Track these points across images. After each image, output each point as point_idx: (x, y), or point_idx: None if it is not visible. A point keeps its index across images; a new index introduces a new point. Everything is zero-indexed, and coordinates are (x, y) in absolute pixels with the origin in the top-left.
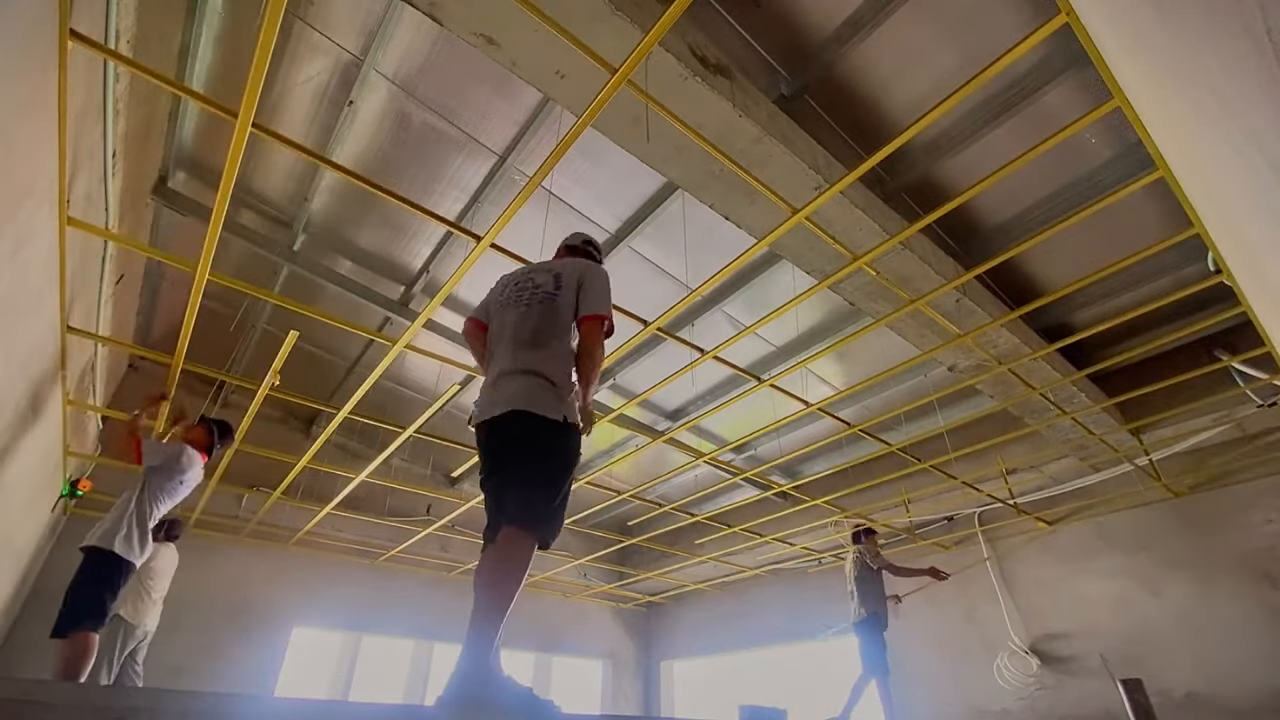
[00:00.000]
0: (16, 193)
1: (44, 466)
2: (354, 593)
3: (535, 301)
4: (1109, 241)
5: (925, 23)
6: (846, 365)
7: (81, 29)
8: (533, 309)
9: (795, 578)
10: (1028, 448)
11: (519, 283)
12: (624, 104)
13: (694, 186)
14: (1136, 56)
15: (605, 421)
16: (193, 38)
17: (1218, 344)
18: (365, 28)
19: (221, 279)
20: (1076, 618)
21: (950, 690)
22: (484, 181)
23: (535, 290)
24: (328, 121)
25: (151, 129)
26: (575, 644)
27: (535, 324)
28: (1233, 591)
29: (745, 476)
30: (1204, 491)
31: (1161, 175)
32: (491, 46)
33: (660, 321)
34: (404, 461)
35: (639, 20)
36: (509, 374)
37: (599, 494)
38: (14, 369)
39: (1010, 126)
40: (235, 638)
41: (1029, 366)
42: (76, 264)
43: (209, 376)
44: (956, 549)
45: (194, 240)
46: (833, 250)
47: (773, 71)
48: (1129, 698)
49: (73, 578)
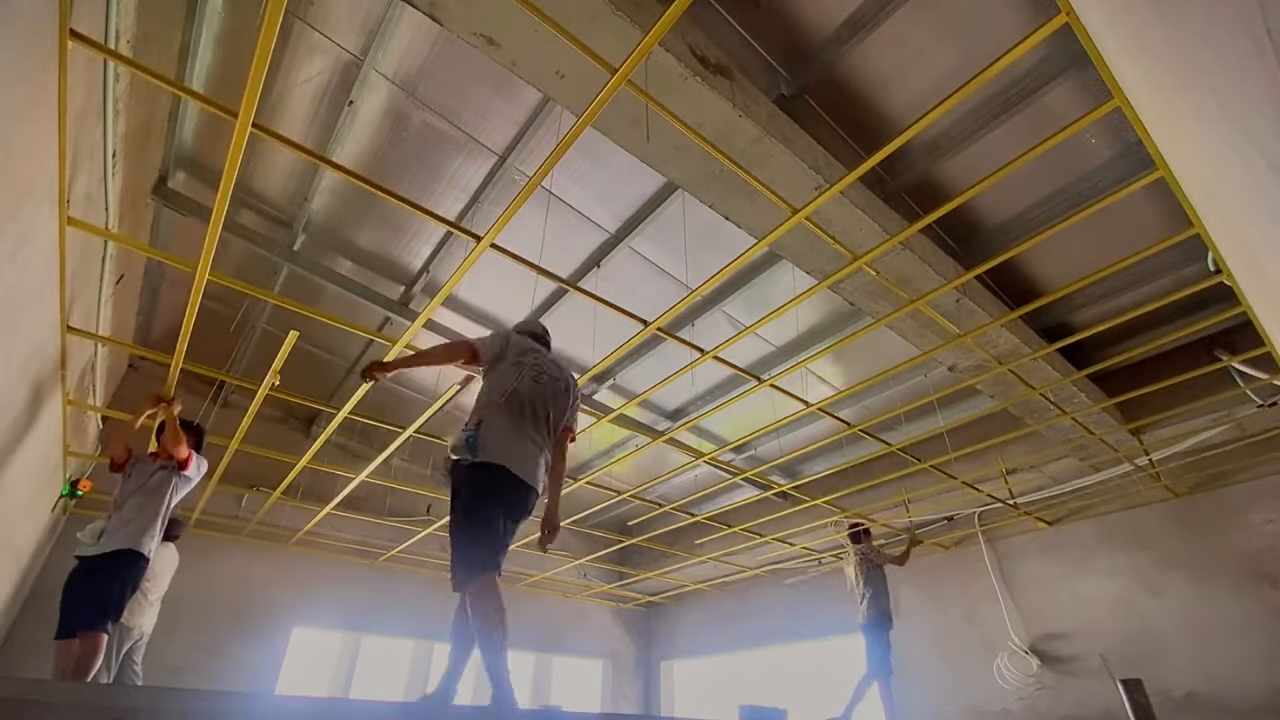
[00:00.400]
0: (16, 192)
1: (44, 466)
2: (354, 593)
3: (557, 397)
4: (1109, 241)
5: (925, 23)
6: (846, 365)
7: (81, 29)
8: (557, 403)
9: (795, 578)
10: (1028, 448)
11: (544, 368)
12: (624, 104)
13: (694, 186)
14: (1136, 56)
15: (605, 421)
16: (193, 38)
17: (1218, 344)
18: (365, 28)
19: (221, 279)
20: (1076, 618)
21: (950, 690)
22: (484, 181)
23: (556, 384)
24: (328, 121)
25: (151, 129)
26: (575, 644)
27: (555, 419)
28: (1233, 591)
29: (745, 476)
30: (1204, 491)
31: (1161, 175)
32: (491, 46)
33: (660, 321)
34: (404, 461)
35: (639, 20)
36: (542, 453)
37: (599, 494)
38: (14, 369)
39: (1010, 126)
40: (235, 638)
41: (1029, 366)
42: (76, 264)
43: (209, 376)
44: (956, 549)
45: (194, 240)
46: (833, 250)
47: (773, 71)
48: (1129, 698)
49: (90, 577)
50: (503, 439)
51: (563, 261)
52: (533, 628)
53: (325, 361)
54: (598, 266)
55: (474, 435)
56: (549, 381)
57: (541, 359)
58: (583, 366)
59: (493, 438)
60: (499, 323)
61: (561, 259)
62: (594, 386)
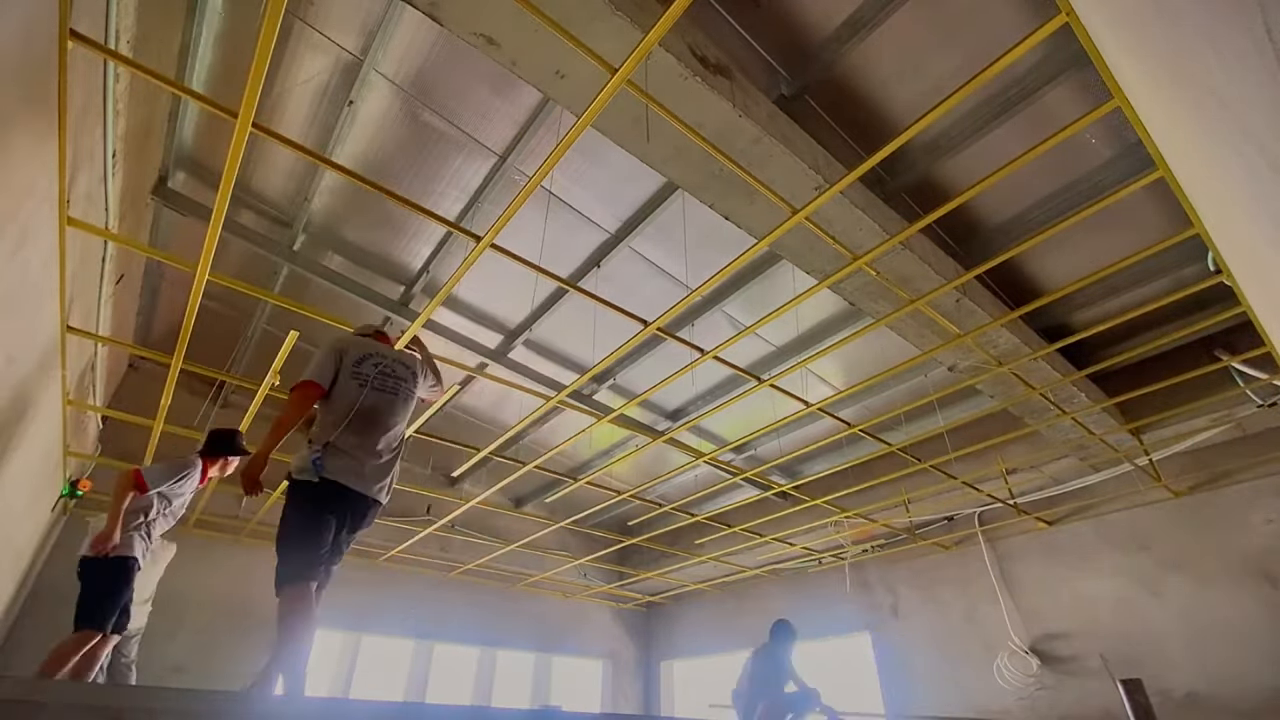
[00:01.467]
0: (17, 192)
1: (44, 466)
2: (354, 593)
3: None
4: (1109, 241)
5: (925, 23)
6: (846, 365)
7: (81, 29)
8: (406, 405)
9: (795, 577)
10: (1028, 448)
11: (387, 369)
12: (624, 104)
13: (694, 186)
14: (1136, 56)
15: (605, 421)
16: (193, 38)
17: (1218, 344)
18: (365, 27)
19: (221, 279)
20: (1076, 618)
21: (950, 690)
22: (484, 181)
23: (401, 383)
24: (328, 121)
25: (151, 129)
26: (575, 644)
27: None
28: (1233, 591)
29: (745, 476)
30: (1204, 491)
31: (1161, 175)
32: (491, 46)
33: (660, 321)
34: (404, 462)
35: (639, 20)
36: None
37: (599, 494)
38: (14, 369)
39: (1010, 126)
40: (235, 638)
41: (1029, 366)
42: (76, 264)
43: (209, 376)
44: (956, 549)
45: (194, 240)
46: (833, 250)
47: (773, 71)
48: (1129, 698)
49: (107, 578)
50: (346, 463)
51: (563, 261)
52: (533, 628)
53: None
54: (598, 266)
55: (319, 458)
56: (394, 383)
57: (383, 359)
58: (583, 366)
59: (337, 462)
60: (499, 323)
61: (561, 259)
62: (594, 386)
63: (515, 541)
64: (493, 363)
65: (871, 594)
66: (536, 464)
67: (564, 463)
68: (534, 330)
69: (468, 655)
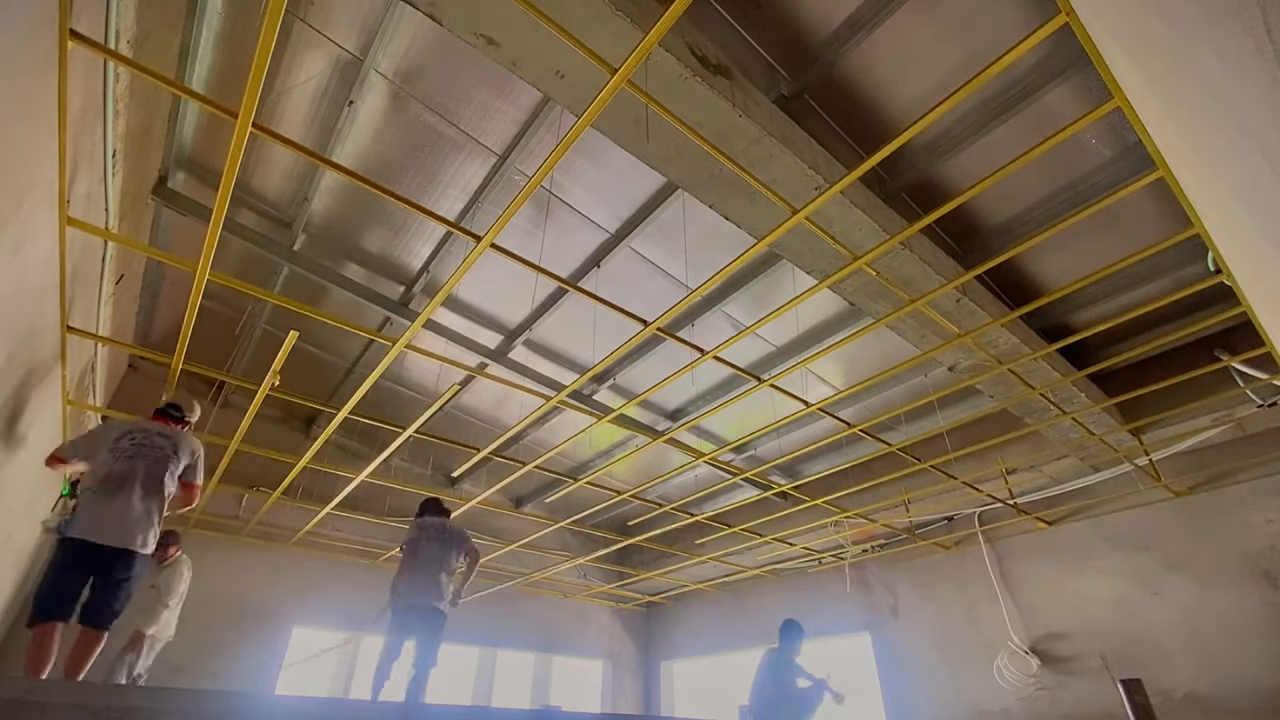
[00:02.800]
0: (17, 192)
1: (44, 466)
2: (354, 593)
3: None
4: (1109, 241)
5: (925, 23)
6: (846, 365)
7: (81, 29)
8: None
9: (795, 578)
10: (1028, 448)
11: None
12: (624, 104)
13: (694, 186)
14: (1136, 57)
15: (605, 421)
16: (193, 38)
17: (1218, 344)
18: (365, 27)
19: (221, 279)
20: (1076, 618)
21: (950, 690)
22: (484, 181)
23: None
24: (328, 121)
25: (151, 129)
26: (575, 644)
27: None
28: (1233, 591)
29: (745, 476)
30: (1204, 491)
31: (1161, 175)
32: (491, 46)
33: (660, 321)
34: (404, 461)
35: (639, 20)
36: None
37: (599, 494)
38: (14, 369)
39: (1010, 126)
40: (235, 637)
41: (1029, 366)
42: (76, 264)
43: (209, 376)
44: (956, 549)
45: (194, 240)
46: (833, 250)
47: (773, 71)
48: (1129, 698)
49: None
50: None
51: (563, 261)
52: (533, 628)
53: (325, 362)
54: (598, 266)
55: (69, 519)
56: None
57: (145, 435)
58: (583, 366)
59: (84, 520)
60: (499, 323)
61: (561, 259)
62: (594, 386)
63: (515, 541)
64: (493, 363)
65: (871, 594)
66: (536, 464)
67: (564, 463)
68: (534, 330)
69: (468, 655)
